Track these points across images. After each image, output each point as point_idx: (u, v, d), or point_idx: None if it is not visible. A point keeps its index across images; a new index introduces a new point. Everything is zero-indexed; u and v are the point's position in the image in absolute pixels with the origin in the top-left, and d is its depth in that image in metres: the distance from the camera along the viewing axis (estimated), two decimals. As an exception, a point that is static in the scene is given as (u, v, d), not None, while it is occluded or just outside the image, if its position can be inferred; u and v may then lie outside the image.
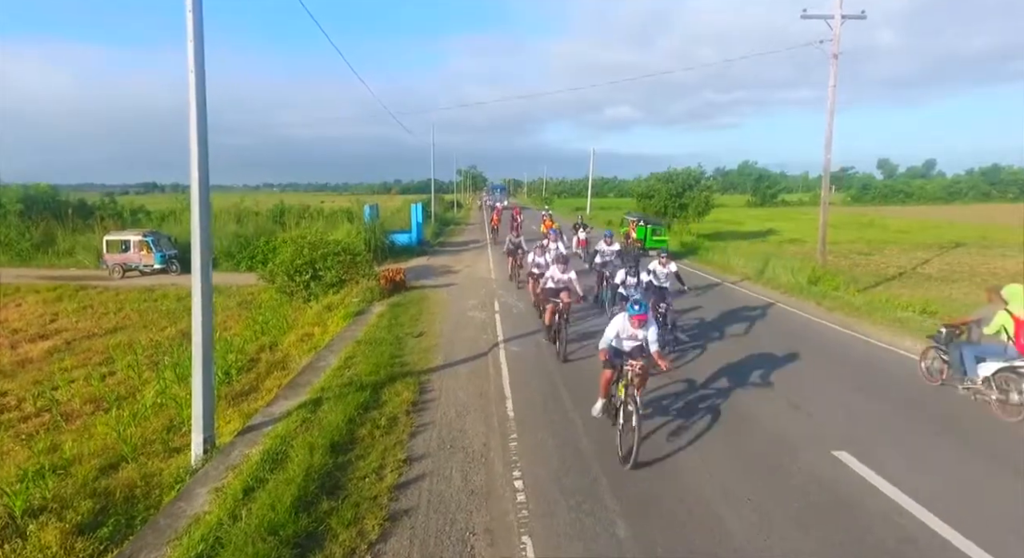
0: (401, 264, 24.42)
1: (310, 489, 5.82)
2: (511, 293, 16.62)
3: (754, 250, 34.97)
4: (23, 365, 13.00)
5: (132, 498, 6.65)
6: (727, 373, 9.42)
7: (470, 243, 33.45)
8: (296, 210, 49.65)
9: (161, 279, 22.56)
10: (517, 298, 15.71)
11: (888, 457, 6.46)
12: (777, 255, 25.73)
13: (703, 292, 16.99)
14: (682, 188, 41.40)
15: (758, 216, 71.07)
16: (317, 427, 7.36)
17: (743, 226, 54.19)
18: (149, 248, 23.03)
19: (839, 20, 18.83)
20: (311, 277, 17.73)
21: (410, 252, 26.85)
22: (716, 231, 45.82)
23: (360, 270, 18.07)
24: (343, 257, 17.98)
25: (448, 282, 19.37)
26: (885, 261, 28.96)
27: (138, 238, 23.14)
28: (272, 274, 18.42)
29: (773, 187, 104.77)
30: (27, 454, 8.27)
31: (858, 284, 19.55)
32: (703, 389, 8.76)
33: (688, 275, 20.14)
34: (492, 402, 8.35)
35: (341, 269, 17.84)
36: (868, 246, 37.16)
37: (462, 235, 41.19)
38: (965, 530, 5.03)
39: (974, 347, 8.16)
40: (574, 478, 6.06)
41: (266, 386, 10.48)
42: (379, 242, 24.73)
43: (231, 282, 21.27)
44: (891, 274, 23.78)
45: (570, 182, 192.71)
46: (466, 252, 28.59)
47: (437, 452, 6.79)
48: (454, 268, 22.81)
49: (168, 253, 23.40)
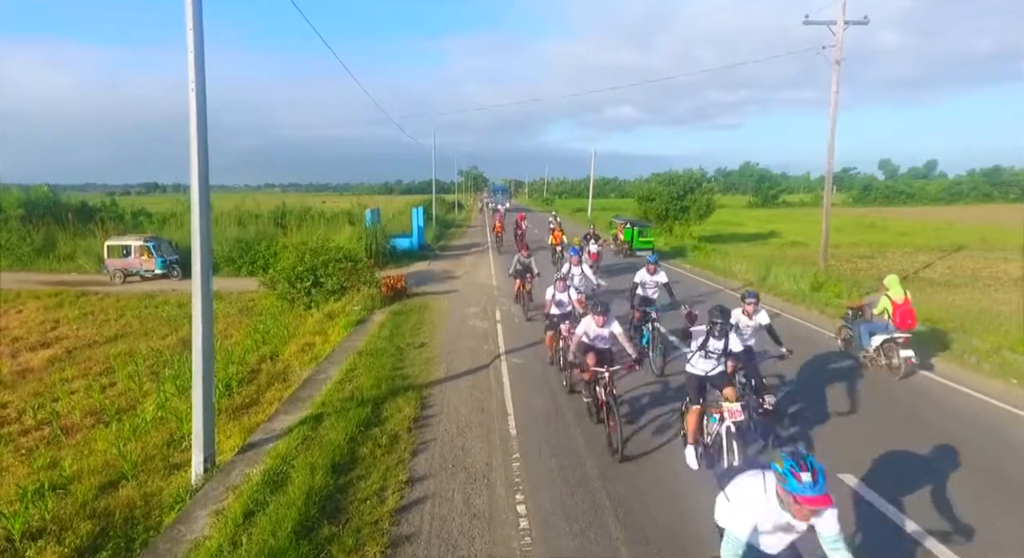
0: (403, 269, 24.41)
1: (311, 513, 5.77)
2: (511, 299, 16.54)
3: (756, 253, 34.96)
4: (24, 375, 12.96)
5: (132, 519, 6.61)
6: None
7: (471, 247, 33.42)
8: (297, 212, 49.78)
9: (162, 284, 22.53)
10: (519, 308, 15.65)
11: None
12: (779, 259, 25.69)
13: (705, 299, 16.93)
14: (683, 191, 41.35)
15: (760, 217, 71.02)
16: (318, 445, 7.31)
17: (744, 228, 54.14)
18: (150, 253, 23.01)
19: (842, 26, 18.78)
20: (312, 284, 17.69)
21: (411, 256, 26.82)
22: (717, 233, 45.77)
23: (361, 277, 18.03)
24: (344, 264, 17.95)
25: (449, 288, 19.33)
26: (887, 265, 28.87)
27: (139, 243, 23.12)
28: (273, 281, 18.40)
29: (775, 188, 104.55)
30: (27, 471, 8.23)
31: (860, 289, 19.53)
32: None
33: (690, 281, 20.13)
34: (494, 418, 8.30)
35: (342, 276, 17.81)
36: (870, 249, 37.11)
37: (463, 238, 41.16)
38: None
39: (868, 324, 10.29)
40: (578, 502, 6.01)
41: (267, 398, 10.44)
42: (380, 247, 24.72)
43: (232, 287, 21.24)
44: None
45: (571, 182, 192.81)
46: (467, 256, 28.57)
47: (439, 472, 6.74)
48: (455, 273, 22.77)
49: (169, 258, 23.37)
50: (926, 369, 10.26)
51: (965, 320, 14.59)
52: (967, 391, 9.27)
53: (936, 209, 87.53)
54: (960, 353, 11.00)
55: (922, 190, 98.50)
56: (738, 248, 40.72)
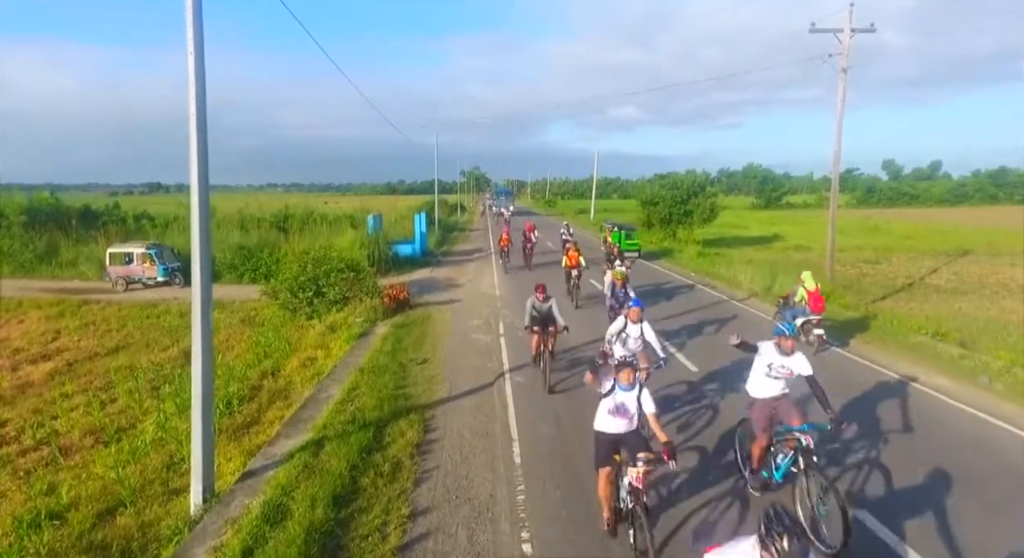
0: (405, 276, 24.30)
1: (311, 552, 5.64)
2: (515, 310, 16.33)
3: (760, 258, 34.78)
4: (24, 390, 12.86)
5: (129, 552, 6.49)
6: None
7: (474, 252, 33.29)
8: (300, 216, 49.71)
9: (164, 292, 22.44)
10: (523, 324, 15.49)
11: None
12: (783, 264, 25.48)
13: (711, 309, 16.76)
14: (687, 195, 41.17)
15: (763, 219, 70.73)
16: (319, 474, 7.18)
17: (748, 230, 53.90)
18: (152, 261, 22.92)
19: (848, 34, 18.59)
20: (314, 294, 17.59)
21: (414, 263, 26.71)
22: (720, 236, 45.49)
23: (364, 286, 17.91)
24: (346, 274, 17.83)
25: (452, 298, 19.20)
26: (893, 270, 28.69)
27: (141, 251, 23.03)
28: (275, 291, 18.29)
29: (778, 190, 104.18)
30: (24, 496, 8.11)
31: (866, 296, 19.34)
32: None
33: (696, 292, 19.90)
34: (498, 443, 8.16)
35: (345, 286, 17.70)
36: (875, 253, 36.85)
37: (466, 242, 41.03)
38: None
39: (792, 309, 12.72)
40: (586, 539, 5.86)
41: (268, 418, 10.31)
42: (383, 254, 24.60)
43: (234, 296, 21.15)
44: (899, 285, 23.53)
45: (573, 182, 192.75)
46: (470, 263, 28.43)
47: (442, 504, 6.60)
48: (458, 281, 22.64)
49: (171, 266, 23.29)
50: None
51: (972, 330, 14.48)
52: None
53: (941, 211, 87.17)
54: (969, 371, 10.85)
55: (927, 192, 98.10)
56: (741, 252, 40.63)
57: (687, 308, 16.97)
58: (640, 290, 16.29)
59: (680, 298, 18.71)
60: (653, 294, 18.71)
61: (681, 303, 17.82)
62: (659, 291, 19.78)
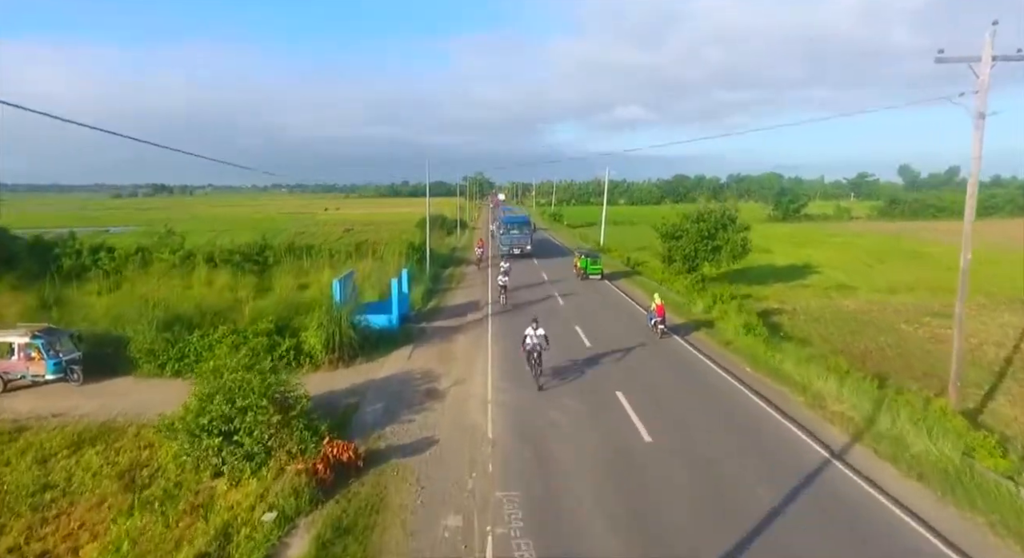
0: (375, 365, 18.90)
1: None
2: (515, 479, 10.89)
3: (808, 308, 29.33)
4: None
5: None
6: None
7: (468, 310, 27.47)
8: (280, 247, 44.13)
9: (49, 397, 16.83)
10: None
11: None
12: (881, 366, 19.58)
13: (804, 493, 11.11)
14: (714, 228, 35.63)
15: (784, 236, 65.22)
16: None
17: (773, 256, 48.23)
18: (40, 353, 17.38)
19: (988, 64, 13.05)
20: (224, 439, 12.21)
21: (389, 340, 21.08)
22: (746, 265, 39.73)
23: (293, 433, 12.44)
24: (268, 414, 12.34)
25: (424, 436, 13.63)
26: (975, 334, 23.49)
27: (24, 340, 17.42)
28: (171, 428, 12.85)
29: (796, 202, 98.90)
30: None
31: (1015, 449, 13.52)
32: None
33: (744, 408, 12.81)
34: None
35: (266, 430, 12.26)
36: (931, 296, 31.20)
37: (461, 284, 35.40)
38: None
39: (650, 314, 21.98)
40: None
41: None
42: (344, 336, 19.04)
43: (146, 403, 15.78)
44: (999, 369, 18.22)
45: (578, 185, 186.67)
46: (460, 335, 22.74)
47: None
48: (439, 386, 17.07)
49: (66, 358, 17.71)
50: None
51: None
52: None
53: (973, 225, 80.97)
54: None
55: (953, 203, 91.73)
56: (775, 292, 34.95)
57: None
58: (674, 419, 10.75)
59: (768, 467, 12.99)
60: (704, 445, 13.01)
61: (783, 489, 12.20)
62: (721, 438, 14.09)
